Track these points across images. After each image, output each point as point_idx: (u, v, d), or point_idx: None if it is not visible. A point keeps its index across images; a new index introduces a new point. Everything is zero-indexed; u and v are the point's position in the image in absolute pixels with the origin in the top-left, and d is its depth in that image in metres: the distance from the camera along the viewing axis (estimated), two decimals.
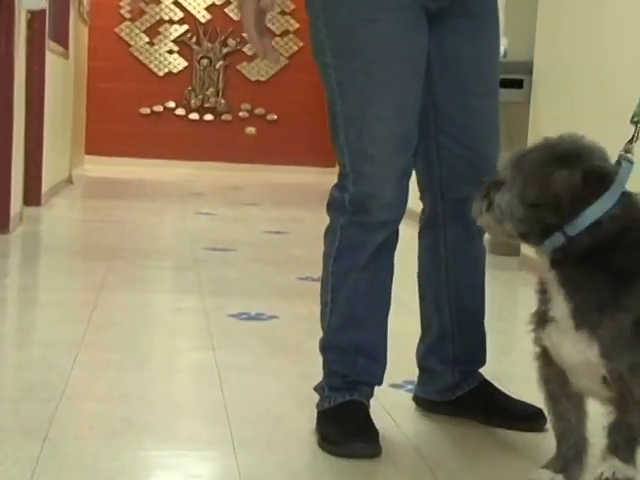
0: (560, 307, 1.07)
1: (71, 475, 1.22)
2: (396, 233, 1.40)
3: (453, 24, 1.36)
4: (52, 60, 4.51)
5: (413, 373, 1.55)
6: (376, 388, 1.44)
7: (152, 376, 1.73)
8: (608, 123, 2.69)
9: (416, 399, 1.55)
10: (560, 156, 1.09)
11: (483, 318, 1.49)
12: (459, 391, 1.48)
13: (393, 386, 1.62)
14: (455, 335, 1.46)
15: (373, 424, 1.35)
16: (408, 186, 1.40)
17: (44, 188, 4.36)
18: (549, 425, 1.24)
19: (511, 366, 1.85)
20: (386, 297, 1.41)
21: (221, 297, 2.50)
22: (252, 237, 3.67)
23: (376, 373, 1.41)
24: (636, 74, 2.47)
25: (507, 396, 1.49)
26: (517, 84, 3.18)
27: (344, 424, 1.34)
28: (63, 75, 5.12)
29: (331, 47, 1.33)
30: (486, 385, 1.50)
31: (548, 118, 1.32)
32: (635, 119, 1.21)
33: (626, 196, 1.10)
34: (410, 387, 1.67)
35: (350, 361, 1.38)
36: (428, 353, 1.49)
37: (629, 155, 1.15)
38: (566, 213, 1.06)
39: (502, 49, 3.29)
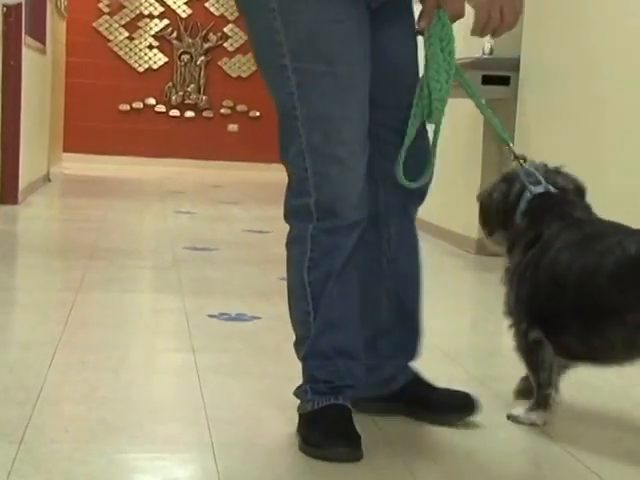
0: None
1: (47, 478, 1.21)
2: (363, 231, 1.39)
3: (386, 17, 1.36)
4: (29, 56, 4.45)
5: None
6: None
7: (130, 377, 1.71)
8: (595, 119, 2.72)
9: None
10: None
11: (420, 310, 1.49)
12: (394, 385, 1.47)
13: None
14: (393, 329, 1.46)
15: (355, 428, 1.35)
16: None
17: (21, 186, 4.30)
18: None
19: (498, 367, 1.86)
20: (358, 296, 1.41)
21: (201, 297, 2.48)
22: (233, 236, 3.65)
23: (358, 373, 1.40)
24: (623, 70, 2.49)
25: (439, 388, 1.50)
26: (503, 81, 3.18)
27: (326, 427, 1.34)
28: (40, 71, 5.05)
29: (291, 49, 1.29)
30: (419, 379, 1.50)
31: (535, 115, 1.33)
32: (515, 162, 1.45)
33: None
34: None
35: (332, 365, 1.38)
36: (365, 348, 1.46)
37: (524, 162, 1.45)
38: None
39: (488, 46, 3.29)
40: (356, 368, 1.40)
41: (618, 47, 2.52)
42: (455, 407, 1.46)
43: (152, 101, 7.46)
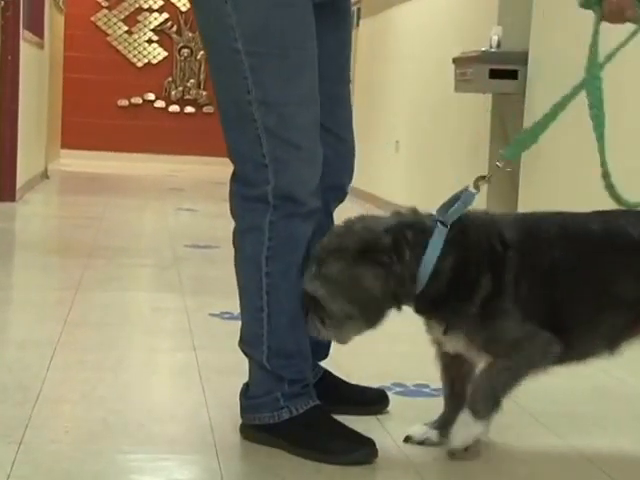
0: (436, 329, 1.33)
1: (47, 479, 1.19)
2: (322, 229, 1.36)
3: (324, 14, 1.35)
4: (26, 50, 4.42)
5: (401, 375, 1.53)
6: None
7: (131, 377, 1.69)
8: (606, 113, 2.68)
9: None
10: (356, 253, 1.26)
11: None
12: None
13: (381, 388, 1.59)
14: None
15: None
16: None
17: (19, 183, 4.28)
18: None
19: None
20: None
21: (202, 296, 2.46)
22: None
23: (309, 373, 1.38)
24: (636, 63, 2.46)
25: (349, 384, 1.51)
26: (511, 75, 3.13)
27: (343, 434, 1.32)
28: (38, 66, 5.02)
29: (244, 33, 1.27)
30: (329, 374, 1.50)
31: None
32: (499, 164, 1.33)
33: (452, 240, 1.28)
34: (398, 389, 1.66)
35: (297, 364, 1.34)
36: None
37: (472, 190, 1.30)
38: (402, 288, 1.27)
39: (495, 39, 3.24)
40: (308, 367, 1.37)
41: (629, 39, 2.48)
42: (368, 401, 1.48)
43: (151, 96, 7.43)
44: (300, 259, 1.32)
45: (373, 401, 1.51)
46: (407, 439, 1.38)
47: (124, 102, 7.39)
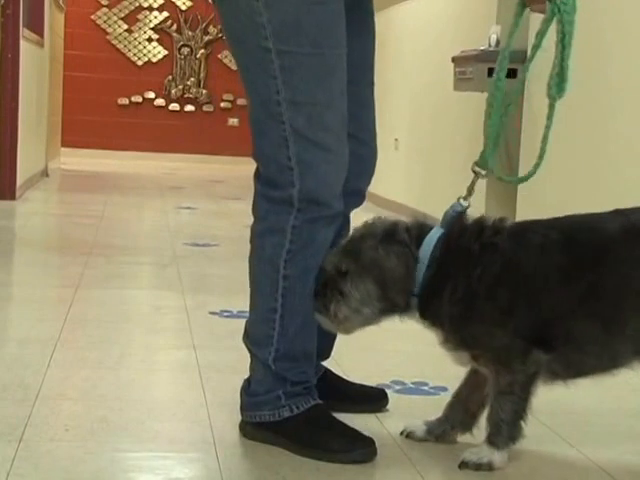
0: (440, 334, 1.32)
1: (47, 478, 1.19)
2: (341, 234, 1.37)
3: (350, 15, 1.33)
4: (27, 48, 4.42)
5: (401, 373, 1.53)
6: None
7: (130, 375, 1.69)
8: (606, 112, 2.69)
9: None
10: (384, 234, 1.29)
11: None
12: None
13: (380, 386, 1.59)
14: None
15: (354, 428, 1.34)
16: None
17: (19, 181, 4.28)
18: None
19: None
20: None
21: (202, 294, 2.46)
22: (234, 232, 3.62)
23: (312, 374, 1.38)
24: (635, 61, 2.46)
25: (349, 381, 1.51)
26: (510, 74, 3.12)
27: (343, 432, 1.32)
28: (38, 64, 5.01)
29: (275, 31, 1.25)
30: (329, 373, 1.50)
31: (543, 109, 1.30)
32: (475, 168, 1.34)
33: (446, 237, 1.29)
34: (398, 387, 1.66)
35: (302, 367, 1.34)
36: None
37: (464, 202, 1.31)
38: (408, 278, 1.28)
39: (494, 37, 3.24)
40: (312, 369, 1.37)
41: (630, 37, 2.49)
42: (368, 399, 1.49)
43: (151, 95, 7.43)
44: (318, 263, 1.31)
45: (372, 399, 1.51)
46: (403, 433, 1.39)
47: (124, 100, 7.39)
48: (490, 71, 3.11)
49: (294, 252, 1.31)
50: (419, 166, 4.34)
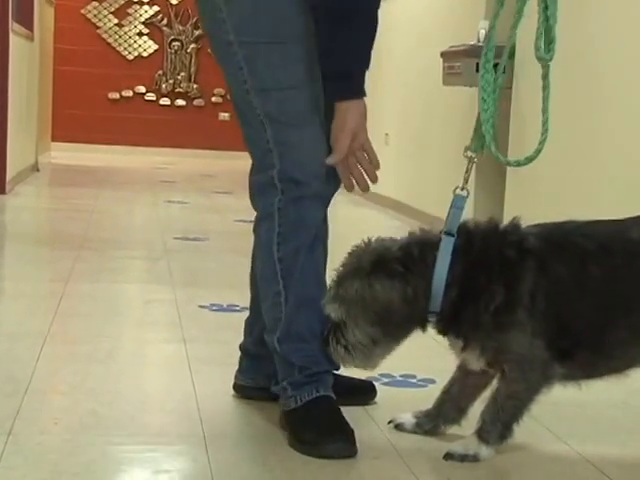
0: (456, 346, 1.32)
1: (36, 470, 1.19)
2: (326, 219, 1.37)
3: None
4: (16, 42, 4.39)
5: (388, 366, 1.53)
6: None
7: (120, 369, 1.69)
8: (594, 107, 2.70)
9: (239, 388, 1.52)
10: (371, 267, 1.25)
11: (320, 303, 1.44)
12: None
13: (369, 379, 1.59)
14: None
15: (347, 421, 1.34)
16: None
17: (9, 176, 4.26)
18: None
19: None
20: (323, 282, 1.37)
21: (192, 288, 2.46)
22: (225, 226, 3.62)
23: (322, 359, 1.37)
24: (623, 55, 2.47)
25: (338, 374, 1.48)
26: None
27: (318, 424, 1.32)
28: (28, 58, 4.98)
29: (234, 25, 1.32)
30: None
31: (531, 104, 1.31)
32: (467, 153, 1.32)
33: (460, 251, 1.26)
34: (386, 380, 1.67)
35: (309, 349, 1.35)
36: (258, 342, 1.44)
37: (462, 192, 1.30)
38: (418, 303, 1.26)
39: (483, 32, 3.25)
40: (319, 354, 1.36)
41: (619, 33, 2.49)
42: (356, 391, 1.49)
43: (142, 89, 7.39)
44: (308, 241, 1.33)
45: (361, 391, 1.52)
46: (391, 423, 1.40)
47: (115, 95, 7.35)
48: (478, 67, 3.11)
49: (284, 234, 1.34)
50: (409, 161, 4.35)
